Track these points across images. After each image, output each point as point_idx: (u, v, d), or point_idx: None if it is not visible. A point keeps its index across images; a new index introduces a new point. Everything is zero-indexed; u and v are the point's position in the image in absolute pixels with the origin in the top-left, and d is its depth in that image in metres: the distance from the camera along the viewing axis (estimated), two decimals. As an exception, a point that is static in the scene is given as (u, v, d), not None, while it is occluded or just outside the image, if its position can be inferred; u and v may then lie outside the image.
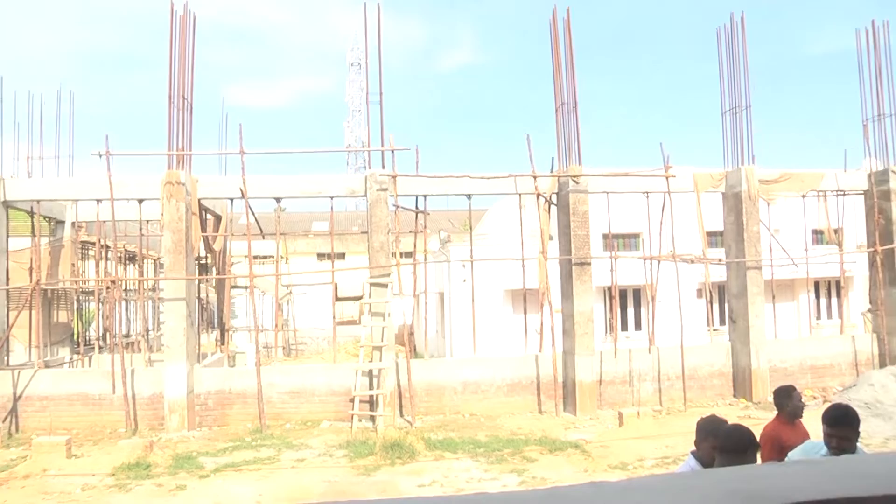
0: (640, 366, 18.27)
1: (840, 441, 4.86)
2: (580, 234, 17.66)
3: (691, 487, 1.50)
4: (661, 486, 1.53)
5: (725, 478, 1.66)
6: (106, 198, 17.22)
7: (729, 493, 1.40)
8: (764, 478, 1.59)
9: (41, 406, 16.74)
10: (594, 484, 1.50)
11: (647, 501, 1.30)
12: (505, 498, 1.45)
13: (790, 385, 6.95)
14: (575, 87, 17.88)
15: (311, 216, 49.03)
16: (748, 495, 1.38)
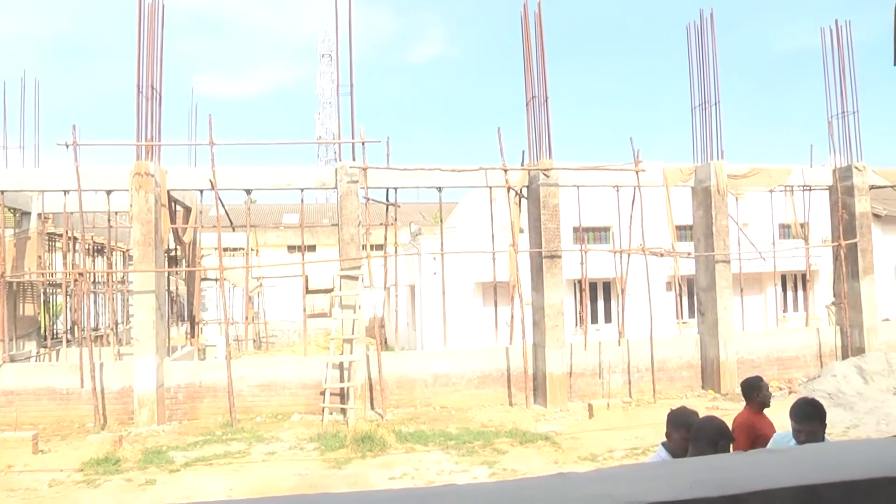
0: (610, 358, 18.41)
1: (808, 435, 4.95)
2: (550, 228, 17.75)
3: (661, 476, 1.53)
4: (631, 476, 1.56)
5: (696, 467, 1.70)
6: (73, 188, 16.99)
7: (699, 483, 1.44)
8: (733, 467, 1.63)
9: (6, 401, 16.48)
10: (563, 475, 1.53)
11: (617, 491, 1.33)
12: (475, 490, 1.48)
13: (758, 376, 7.02)
14: (546, 80, 17.96)
15: (282, 208, 48.77)
16: (719, 484, 1.41)
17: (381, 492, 1.50)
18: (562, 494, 1.37)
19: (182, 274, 23.64)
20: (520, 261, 18.04)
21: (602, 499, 1.28)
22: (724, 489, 1.37)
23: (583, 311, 20.55)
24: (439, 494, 1.42)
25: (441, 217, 21.15)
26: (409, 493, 1.43)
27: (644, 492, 1.32)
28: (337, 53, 19.99)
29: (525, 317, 17.69)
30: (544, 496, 1.34)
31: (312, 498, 1.43)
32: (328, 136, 65.49)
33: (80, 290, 19.39)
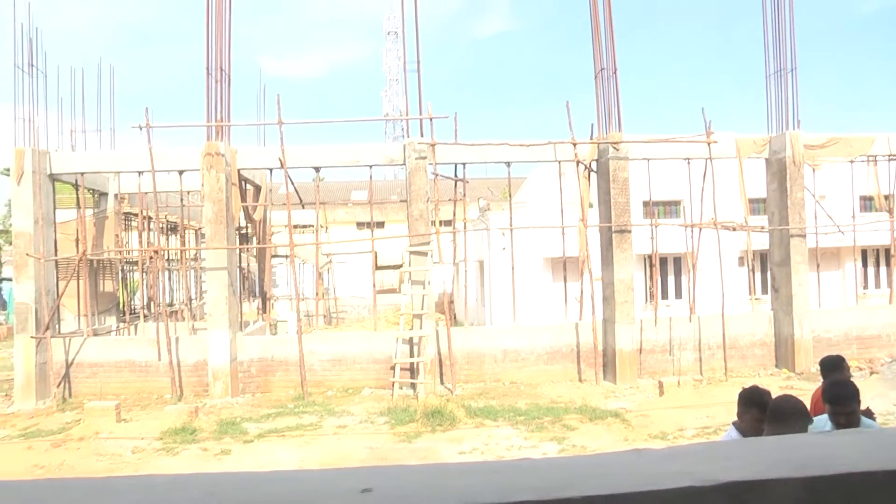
0: (680, 334, 18.08)
1: (848, 417, 4.74)
2: (620, 202, 17.47)
3: (738, 455, 1.45)
4: (707, 454, 1.49)
5: (774, 446, 1.61)
6: (147, 169, 17.43)
7: (777, 462, 1.36)
8: (813, 448, 1.54)
9: (91, 372, 17.17)
10: (637, 451, 1.47)
11: (693, 469, 1.26)
12: (550, 464, 1.42)
13: (838, 356, 6.59)
14: (614, 52, 17.60)
15: (351, 185, 49.14)
16: (799, 465, 1.33)
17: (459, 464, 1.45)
18: (637, 471, 1.30)
19: (253, 251, 23.99)
20: (589, 236, 17.80)
21: (679, 476, 1.21)
22: (804, 470, 1.29)
23: (653, 286, 20.15)
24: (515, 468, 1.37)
25: (510, 192, 20.94)
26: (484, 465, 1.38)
27: (721, 470, 1.25)
28: (403, 30, 19.97)
29: (594, 292, 17.47)
30: (619, 472, 1.28)
31: (421, 469, 1.39)
32: (395, 112, 65.72)
33: (156, 268, 19.82)
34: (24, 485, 1.23)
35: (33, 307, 16.95)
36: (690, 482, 1.18)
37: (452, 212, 18.88)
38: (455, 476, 1.31)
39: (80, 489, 1.17)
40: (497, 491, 1.18)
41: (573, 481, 1.21)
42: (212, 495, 1.10)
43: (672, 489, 1.17)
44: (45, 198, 17.43)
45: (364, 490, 1.14)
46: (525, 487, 1.18)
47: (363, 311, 31.33)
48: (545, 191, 23.68)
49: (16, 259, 17.37)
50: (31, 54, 17.37)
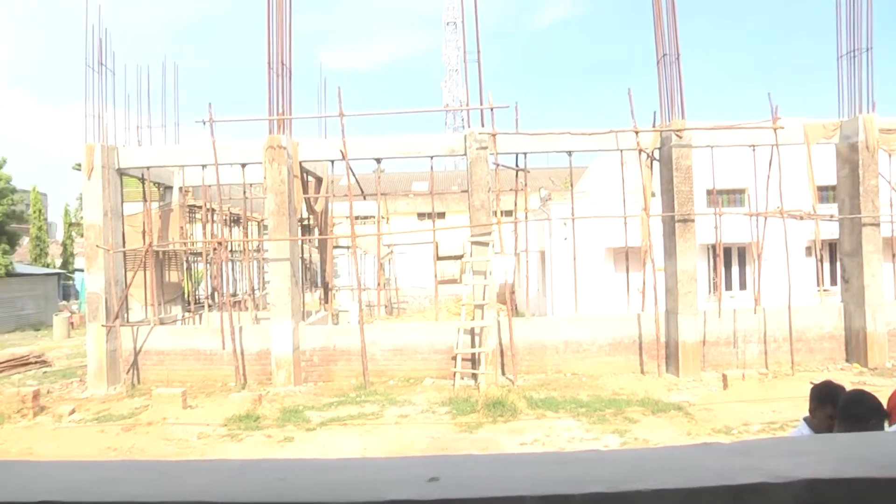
0: (744, 326, 17.71)
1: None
2: (683, 190, 17.17)
3: (812, 451, 1.39)
4: (779, 450, 1.43)
5: (849, 443, 1.54)
6: (210, 163, 17.75)
7: (854, 460, 1.29)
8: (892, 445, 1.47)
9: (158, 360, 17.61)
10: (706, 445, 1.42)
11: (765, 465, 1.21)
12: (617, 456, 1.39)
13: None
14: (677, 36, 17.22)
15: (411, 176, 49.32)
16: (880, 463, 1.26)
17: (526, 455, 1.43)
18: (707, 465, 1.26)
19: (315, 242, 24.26)
20: (652, 225, 17.56)
21: (750, 471, 1.16)
22: (885, 470, 1.22)
23: (716, 277, 19.82)
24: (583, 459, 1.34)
25: (571, 181, 20.84)
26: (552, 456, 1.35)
27: (795, 466, 1.19)
28: (462, 20, 19.89)
29: (657, 283, 17.22)
30: (689, 466, 1.24)
31: (490, 458, 1.37)
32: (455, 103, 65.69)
33: (219, 259, 20.16)
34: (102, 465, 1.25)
35: (103, 297, 17.45)
36: (762, 478, 1.14)
37: (513, 202, 18.81)
38: (522, 466, 1.29)
39: (154, 471, 1.19)
40: (565, 482, 1.16)
41: (642, 474, 1.18)
42: (281, 480, 1.11)
43: (744, 485, 1.13)
44: (114, 191, 17.90)
45: (431, 479, 1.13)
46: (593, 479, 1.16)
47: (424, 302, 31.49)
48: (607, 180, 23.47)
49: (87, 250, 17.93)
50: (100, 54, 17.87)
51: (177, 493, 1.07)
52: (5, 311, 33.43)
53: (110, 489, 1.09)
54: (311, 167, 20.46)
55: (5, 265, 32.56)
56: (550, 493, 1.10)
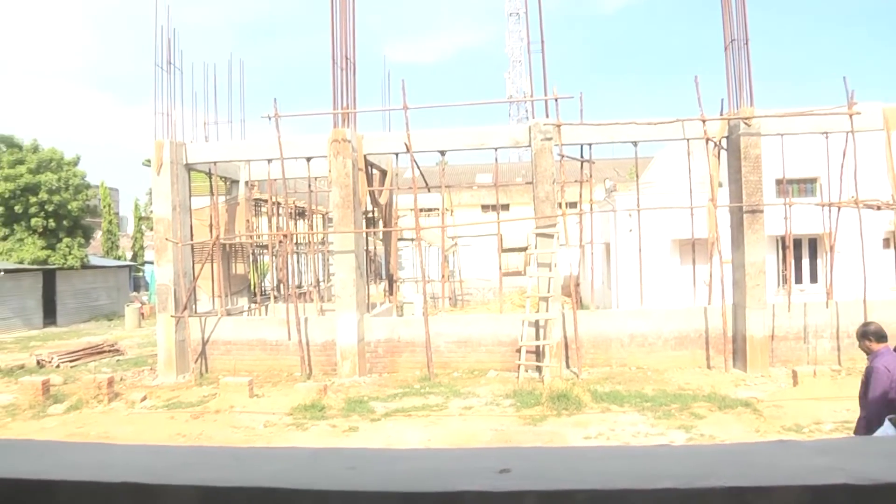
0: (816, 321, 17.23)
1: None
2: (752, 180, 16.76)
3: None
4: (863, 450, 1.37)
5: None
6: (276, 157, 18.00)
7: None
8: None
9: (225, 350, 17.98)
10: (783, 443, 1.37)
11: (848, 466, 1.16)
12: (689, 451, 1.36)
13: None
14: (746, 21, 16.71)
15: (475, 168, 49.30)
16: None
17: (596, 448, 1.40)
18: (784, 463, 1.22)
19: (379, 234, 24.40)
20: (719, 216, 17.20)
21: (831, 472, 1.11)
22: None
23: (786, 269, 19.33)
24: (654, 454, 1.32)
25: (637, 172, 20.49)
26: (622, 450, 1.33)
27: (883, 469, 1.14)
28: (526, 10, 19.79)
29: (724, 275, 16.88)
30: (764, 463, 1.20)
31: (554, 451, 1.36)
32: (519, 94, 65.44)
33: (285, 251, 20.43)
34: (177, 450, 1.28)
35: (172, 288, 17.88)
36: (845, 479, 1.10)
37: (578, 193, 18.65)
38: (593, 460, 1.27)
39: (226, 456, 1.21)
40: (636, 477, 1.14)
41: (715, 470, 1.15)
42: (352, 469, 1.11)
43: (825, 485, 1.09)
44: (182, 186, 18.31)
45: (502, 471, 1.12)
46: (665, 475, 1.14)
47: (488, 294, 31.50)
48: (673, 170, 23.09)
49: (156, 243, 18.41)
50: (169, 53, 18.31)
51: (250, 479, 1.08)
52: (81, 302, 34.53)
53: (186, 473, 1.11)
54: (376, 160, 20.59)
55: (81, 258, 33.61)
56: (622, 487, 1.08)
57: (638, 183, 19.85)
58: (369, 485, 1.07)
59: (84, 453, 1.31)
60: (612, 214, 24.11)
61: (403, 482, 1.08)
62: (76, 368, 19.33)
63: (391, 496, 1.05)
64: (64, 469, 1.17)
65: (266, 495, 1.05)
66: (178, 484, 1.07)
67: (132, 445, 1.32)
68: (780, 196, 18.45)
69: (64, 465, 1.20)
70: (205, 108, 20.42)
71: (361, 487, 1.06)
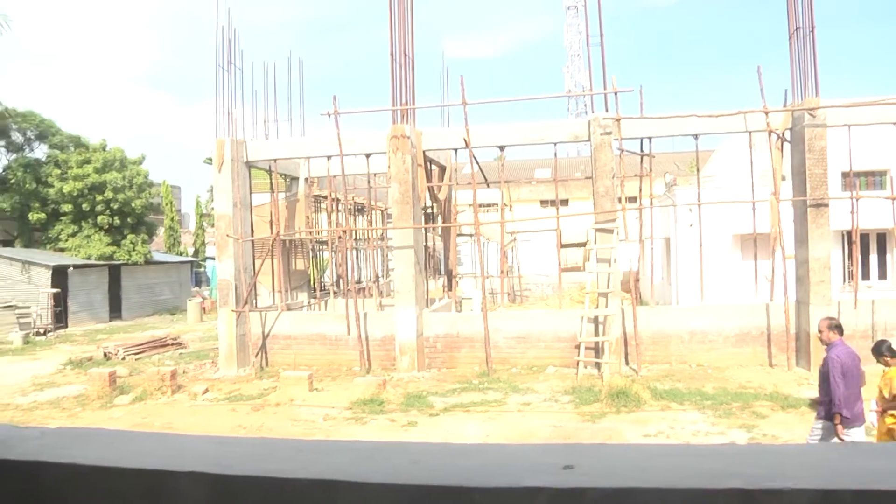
0: (885, 319, 16.68)
1: None
2: (816, 173, 16.33)
3: None
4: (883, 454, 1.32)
5: None
6: (335, 154, 18.15)
7: None
8: None
9: (285, 344, 18.21)
10: (854, 444, 1.33)
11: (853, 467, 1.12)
12: (755, 451, 1.33)
13: None
14: (812, 7, 16.30)
15: (534, 163, 49.07)
16: None
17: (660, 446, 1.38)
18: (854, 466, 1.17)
19: (438, 230, 24.47)
20: (782, 210, 16.84)
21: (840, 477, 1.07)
22: None
23: (852, 265, 18.85)
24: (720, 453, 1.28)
25: (697, 166, 20.21)
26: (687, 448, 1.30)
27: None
28: (585, 4, 19.63)
29: (787, 271, 16.53)
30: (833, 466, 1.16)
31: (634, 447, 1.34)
32: (577, 88, 64.86)
33: (344, 247, 20.60)
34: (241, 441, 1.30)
35: (233, 283, 18.19)
36: None
37: (638, 188, 18.44)
38: (659, 457, 1.25)
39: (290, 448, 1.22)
40: (702, 475, 1.11)
41: (783, 471, 1.12)
42: (415, 463, 1.11)
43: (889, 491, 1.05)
44: (243, 183, 18.60)
45: (566, 467, 1.11)
46: (731, 474, 1.11)
47: (547, 290, 31.35)
48: (734, 164, 22.72)
49: (218, 240, 18.73)
50: (229, 53, 18.61)
51: (312, 471, 1.09)
52: (144, 297, 35.31)
53: (250, 464, 1.12)
54: (435, 156, 20.65)
55: (144, 253, 34.39)
56: (689, 486, 1.06)
57: (698, 177, 19.56)
58: (432, 479, 1.06)
59: (151, 442, 1.34)
60: (672, 209, 23.79)
61: (466, 477, 1.07)
62: (140, 361, 19.79)
63: (456, 491, 1.04)
64: (132, 457, 1.19)
65: (329, 487, 1.06)
66: (244, 474, 1.09)
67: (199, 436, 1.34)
68: (847, 189, 18.01)
69: (132, 453, 1.22)
70: (265, 106, 20.69)
71: (424, 481, 1.06)
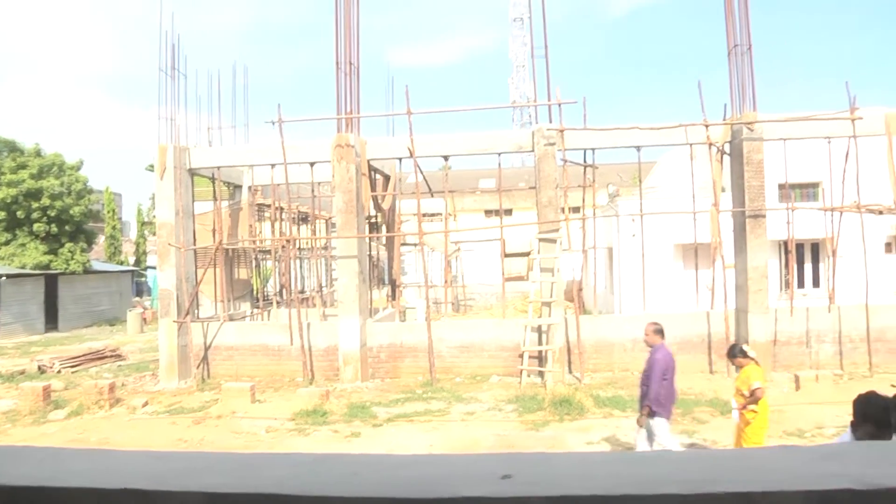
0: (818, 326, 17.17)
1: None
2: (754, 185, 16.75)
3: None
4: (866, 455, 1.37)
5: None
6: (279, 162, 18.02)
7: None
8: None
9: (227, 355, 17.98)
10: (785, 448, 1.37)
11: (851, 471, 1.15)
12: (692, 457, 1.36)
13: None
14: (749, 26, 16.77)
15: (478, 173, 49.26)
16: None
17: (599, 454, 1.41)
18: (788, 468, 1.21)
19: (382, 239, 24.43)
20: (721, 221, 17.21)
21: (836, 478, 1.11)
22: None
23: (788, 274, 19.32)
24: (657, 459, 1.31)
25: (640, 177, 20.51)
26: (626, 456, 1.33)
27: (886, 475, 1.13)
28: (530, 15, 19.82)
29: (726, 280, 16.88)
30: (768, 468, 1.20)
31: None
32: (522, 99, 65.31)
33: (288, 256, 20.44)
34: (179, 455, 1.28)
35: (175, 293, 17.91)
36: (850, 485, 1.09)
37: (581, 198, 18.64)
38: (596, 465, 1.27)
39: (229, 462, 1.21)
40: (640, 482, 1.14)
41: (719, 476, 1.15)
42: (355, 475, 1.11)
43: (829, 490, 1.09)
44: (185, 191, 18.34)
45: (504, 476, 1.12)
46: (669, 480, 1.13)
47: (491, 299, 31.45)
48: (676, 175, 23.10)
49: (159, 248, 18.43)
50: (173, 58, 18.33)
51: (253, 485, 1.08)
52: (83, 307, 34.54)
53: (188, 479, 1.11)
54: (379, 165, 20.61)
55: (83, 262, 33.62)
56: (625, 492, 1.08)
57: (641, 188, 19.86)
58: (372, 490, 1.07)
59: (85, 459, 1.31)
60: (614, 219, 24.11)
61: (406, 488, 1.07)
62: (77, 374, 19.34)
63: (394, 502, 1.05)
64: (64, 475, 1.17)
65: (269, 501, 1.05)
66: (181, 490, 1.07)
67: (134, 451, 1.31)
68: (783, 201, 18.43)
69: (64, 472, 1.20)
70: (209, 112, 20.43)
71: (364, 493, 1.06)
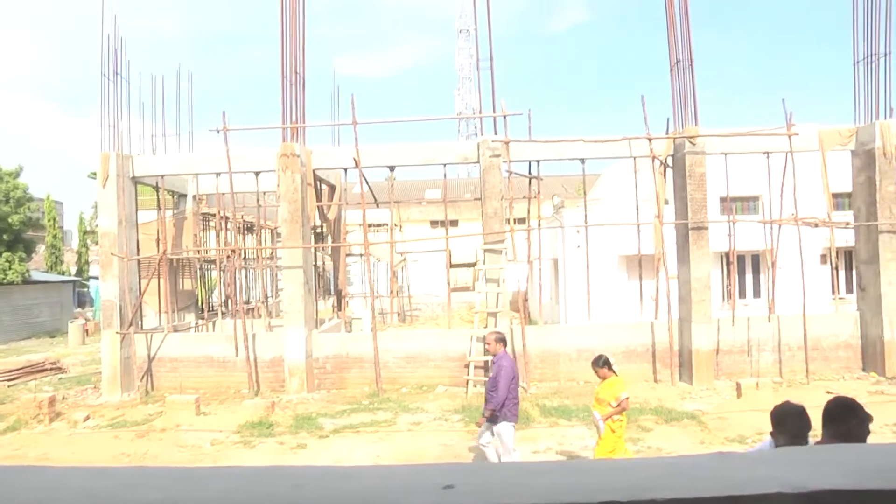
0: (759, 335, 17.59)
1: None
2: (697, 198, 17.10)
3: (833, 461, 1.37)
4: (796, 460, 1.41)
5: (879, 452, 1.52)
6: (224, 171, 17.87)
7: (881, 472, 1.26)
8: None
9: (172, 367, 17.69)
10: (721, 455, 1.41)
11: (783, 475, 1.19)
12: (631, 465, 1.39)
13: None
14: (690, 43, 17.13)
15: (424, 184, 49.38)
16: None
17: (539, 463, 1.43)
18: (722, 474, 1.25)
19: (328, 250, 24.30)
20: (665, 233, 17.51)
21: (766, 482, 1.15)
22: None
23: (730, 285, 19.69)
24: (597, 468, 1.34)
25: (584, 189, 20.76)
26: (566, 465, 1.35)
27: (812, 477, 1.17)
28: (476, 28, 19.94)
29: (670, 291, 17.18)
30: (704, 475, 1.23)
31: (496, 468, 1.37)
32: (468, 111, 65.60)
33: (233, 266, 20.21)
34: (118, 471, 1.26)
35: (118, 304, 17.58)
36: (779, 488, 1.13)
37: (527, 209, 18.78)
38: (536, 474, 1.29)
39: (170, 477, 1.20)
40: (579, 491, 1.16)
41: (656, 483, 1.17)
42: (297, 487, 1.11)
43: (759, 495, 1.12)
44: (128, 200, 18.04)
45: (446, 487, 1.13)
46: (607, 488, 1.16)
47: (437, 309, 31.50)
48: (620, 188, 23.41)
49: (101, 258, 18.06)
50: (115, 63, 18.00)
51: (193, 499, 1.08)
52: (21, 319, 33.69)
53: (127, 495, 1.10)
54: (325, 175, 20.51)
55: (22, 272, 32.78)
56: (565, 501, 1.10)
57: (585, 199, 20.08)
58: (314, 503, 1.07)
59: (20, 477, 1.29)
60: (559, 230, 24.33)
61: (348, 499, 1.08)
62: (15, 388, 18.82)
63: (336, 514, 1.05)
64: None
65: (210, 515, 1.05)
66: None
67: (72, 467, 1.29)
68: (724, 213, 18.80)
69: None
70: (153, 119, 20.10)
71: (306, 505, 1.06)
